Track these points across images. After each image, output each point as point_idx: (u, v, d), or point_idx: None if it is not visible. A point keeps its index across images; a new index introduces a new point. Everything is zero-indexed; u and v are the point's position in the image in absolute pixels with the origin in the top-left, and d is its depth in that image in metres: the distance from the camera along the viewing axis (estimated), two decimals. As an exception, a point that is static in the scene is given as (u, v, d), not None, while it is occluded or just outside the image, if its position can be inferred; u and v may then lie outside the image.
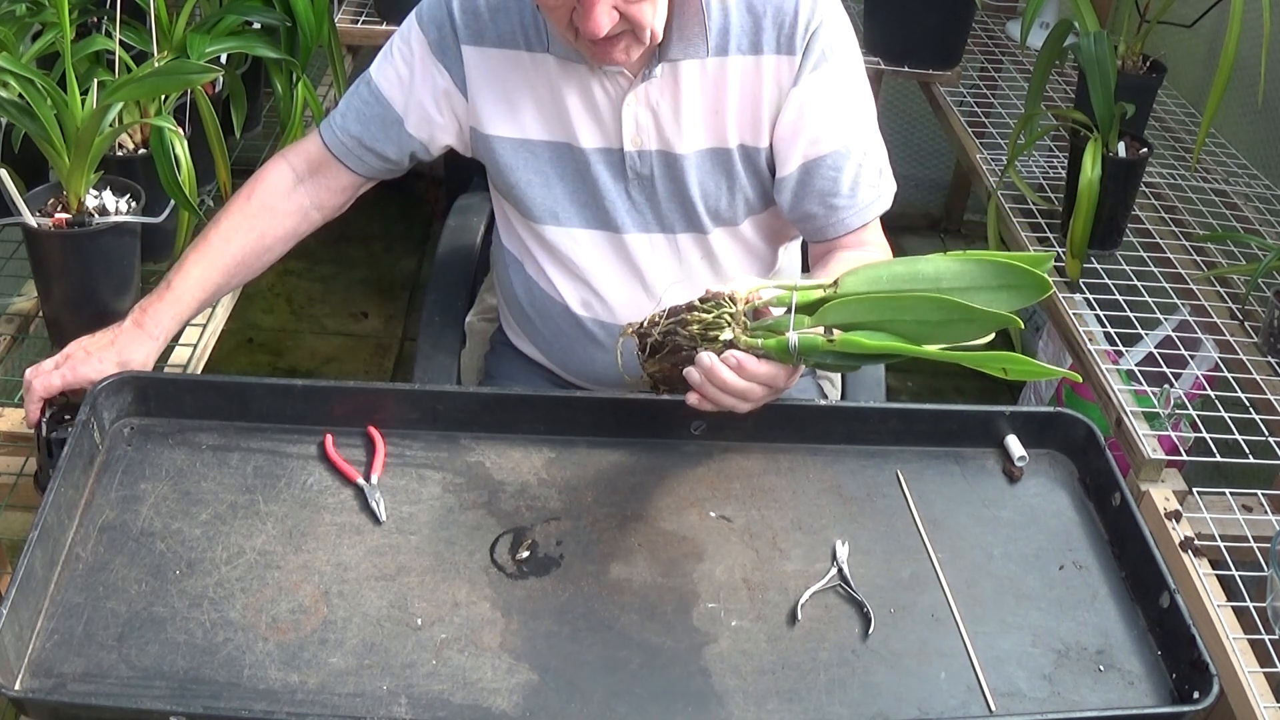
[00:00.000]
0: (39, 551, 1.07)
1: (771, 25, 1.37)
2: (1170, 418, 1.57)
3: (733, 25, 1.37)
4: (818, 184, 1.41)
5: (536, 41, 1.40)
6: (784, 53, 1.38)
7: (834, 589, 1.16)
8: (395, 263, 3.25)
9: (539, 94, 1.42)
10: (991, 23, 2.79)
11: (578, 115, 1.41)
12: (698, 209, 1.45)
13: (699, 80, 1.39)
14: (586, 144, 1.42)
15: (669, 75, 1.39)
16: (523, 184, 1.46)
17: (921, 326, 1.13)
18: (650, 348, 1.20)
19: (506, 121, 1.44)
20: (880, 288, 1.16)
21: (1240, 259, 1.92)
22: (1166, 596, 1.12)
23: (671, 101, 1.40)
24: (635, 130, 1.41)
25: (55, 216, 1.44)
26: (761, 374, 1.16)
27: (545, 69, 1.41)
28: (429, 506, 1.21)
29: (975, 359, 1.13)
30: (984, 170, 2.16)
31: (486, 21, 1.41)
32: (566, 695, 1.04)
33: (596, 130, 1.42)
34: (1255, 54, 1.83)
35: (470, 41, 1.42)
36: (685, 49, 1.38)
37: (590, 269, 1.48)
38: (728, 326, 1.17)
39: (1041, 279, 1.11)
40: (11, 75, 1.42)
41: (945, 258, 1.16)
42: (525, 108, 1.43)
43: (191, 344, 1.56)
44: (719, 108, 1.40)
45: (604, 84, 1.40)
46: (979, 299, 1.11)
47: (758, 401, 1.19)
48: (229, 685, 1.02)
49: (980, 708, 1.06)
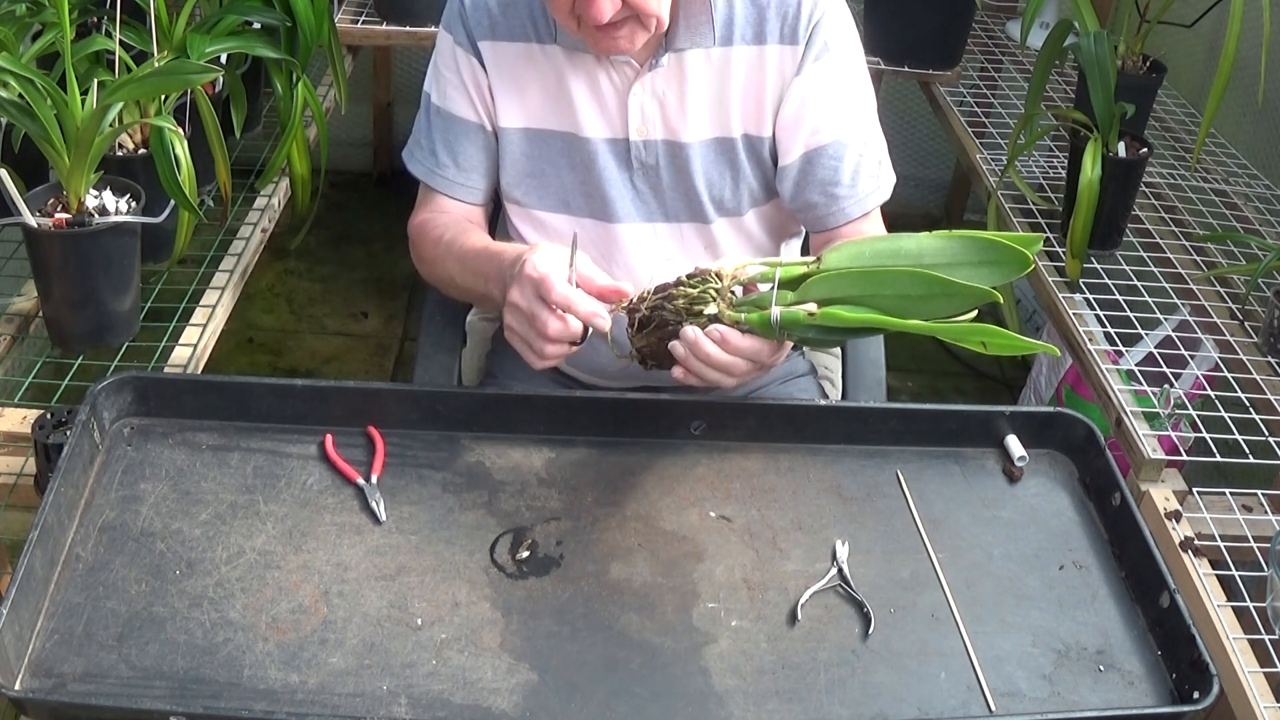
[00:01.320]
0: (39, 551, 1.07)
1: (776, 16, 1.39)
2: (1170, 418, 1.56)
3: (737, 16, 1.39)
4: (819, 173, 1.43)
5: (545, 33, 1.42)
6: (787, 43, 1.40)
7: (834, 589, 1.16)
8: (395, 263, 3.25)
9: (547, 85, 1.43)
10: (991, 23, 2.79)
11: (584, 105, 1.43)
12: (702, 199, 1.46)
13: (704, 70, 1.41)
14: (593, 134, 1.44)
15: (675, 65, 1.40)
16: (534, 174, 1.47)
17: (902, 301, 1.13)
18: (639, 323, 1.21)
19: (519, 112, 1.45)
20: (862, 263, 1.17)
21: (1240, 259, 1.92)
22: (1166, 596, 1.12)
23: (677, 91, 1.41)
24: (641, 120, 1.42)
25: (55, 216, 1.44)
26: (745, 348, 1.17)
27: (553, 60, 1.42)
28: (429, 506, 1.21)
29: (954, 332, 1.13)
30: (984, 170, 2.16)
31: (497, 16, 1.43)
32: (566, 695, 1.04)
33: (602, 120, 1.43)
34: (1255, 54, 1.83)
35: (484, 37, 1.43)
36: (692, 38, 1.39)
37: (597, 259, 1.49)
38: (712, 301, 1.18)
39: (1023, 255, 1.12)
40: (11, 75, 1.42)
41: (929, 235, 1.18)
42: (535, 98, 1.44)
43: (191, 344, 1.56)
44: (723, 98, 1.42)
45: (610, 74, 1.41)
46: (960, 274, 1.12)
47: (743, 376, 1.20)
48: (229, 685, 1.02)
49: (980, 708, 1.06)
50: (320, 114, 1.95)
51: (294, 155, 1.89)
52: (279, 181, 1.94)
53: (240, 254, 1.76)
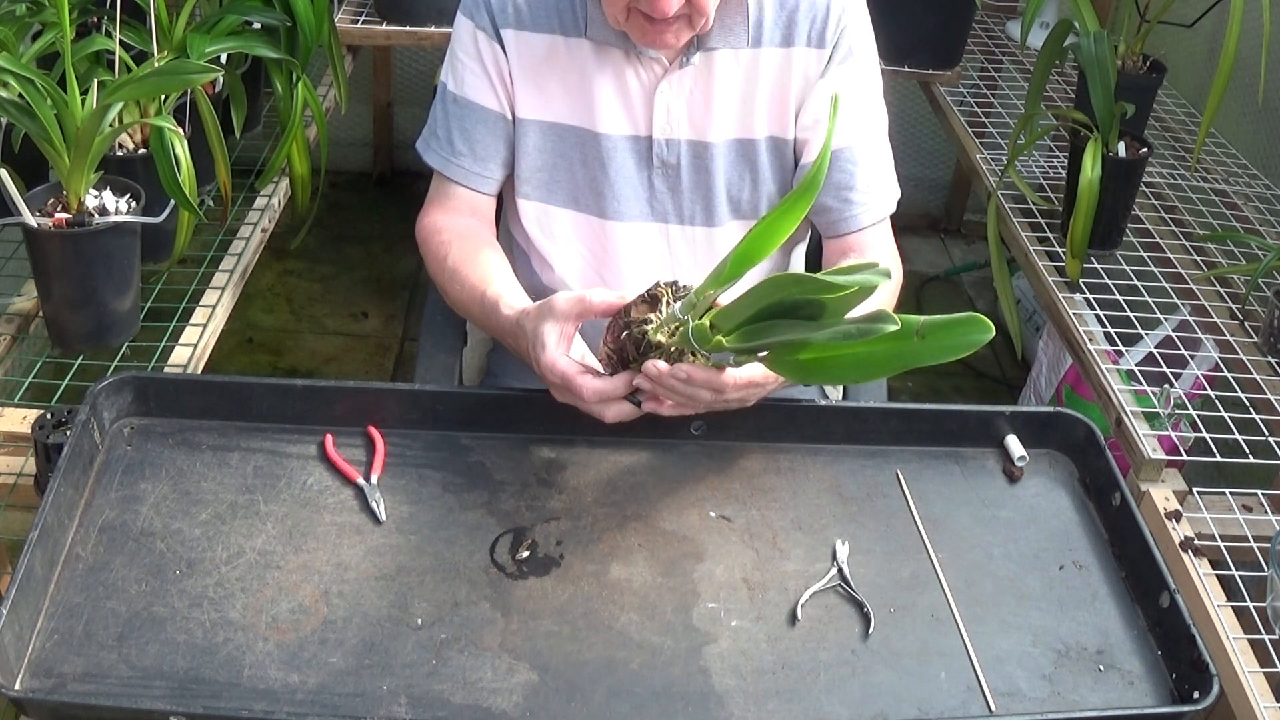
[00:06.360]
0: (39, 551, 1.07)
1: (805, 19, 1.41)
2: (1170, 418, 1.57)
3: (766, 18, 1.41)
4: (835, 176, 1.44)
5: (572, 26, 1.42)
6: (814, 46, 1.42)
7: (834, 589, 1.16)
8: (395, 263, 3.25)
9: (569, 79, 1.43)
10: (991, 23, 2.79)
11: (607, 101, 1.43)
12: (720, 200, 1.47)
13: (733, 70, 1.42)
14: (613, 131, 1.44)
15: (704, 64, 1.41)
16: (547, 168, 1.47)
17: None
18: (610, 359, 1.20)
19: (537, 105, 1.45)
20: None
21: (1240, 259, 1.92)
22: (1166, 596, 1.12)
23: (704, 91, 1.42)
24: (666, 118, 1.43)
25: (55, 216, 1.44)
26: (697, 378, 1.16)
27: (579, 54, 1.42)
28: (429, 506, 1.21)
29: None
30: (984, 170, 2.16)
31: (522, 6, 1.42)
32: (566, 695, 1.04)
33: (625, 117, 1.43)
34: (1255, 54, 1.83)
35: (507, 25, 1.43)
36: (725, 38, 1.40)
37: (603, 256, 1.49)
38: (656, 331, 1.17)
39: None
40: (11, 75, 1.42)
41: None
42: (555, 93, 1.44)
43: (191, 344, 1.56)
44: (750, 99, 1.43)
45: (638, 71, 1.41)
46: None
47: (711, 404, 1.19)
48: (229, 685, 1.02)
49: (980, 708, 1.06)
50: (320, 114, 1.95)
51: (294, 155, 1.89)
52: (279, 181, 1.94)
53: (240, 254, 1.76)
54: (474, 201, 1.49)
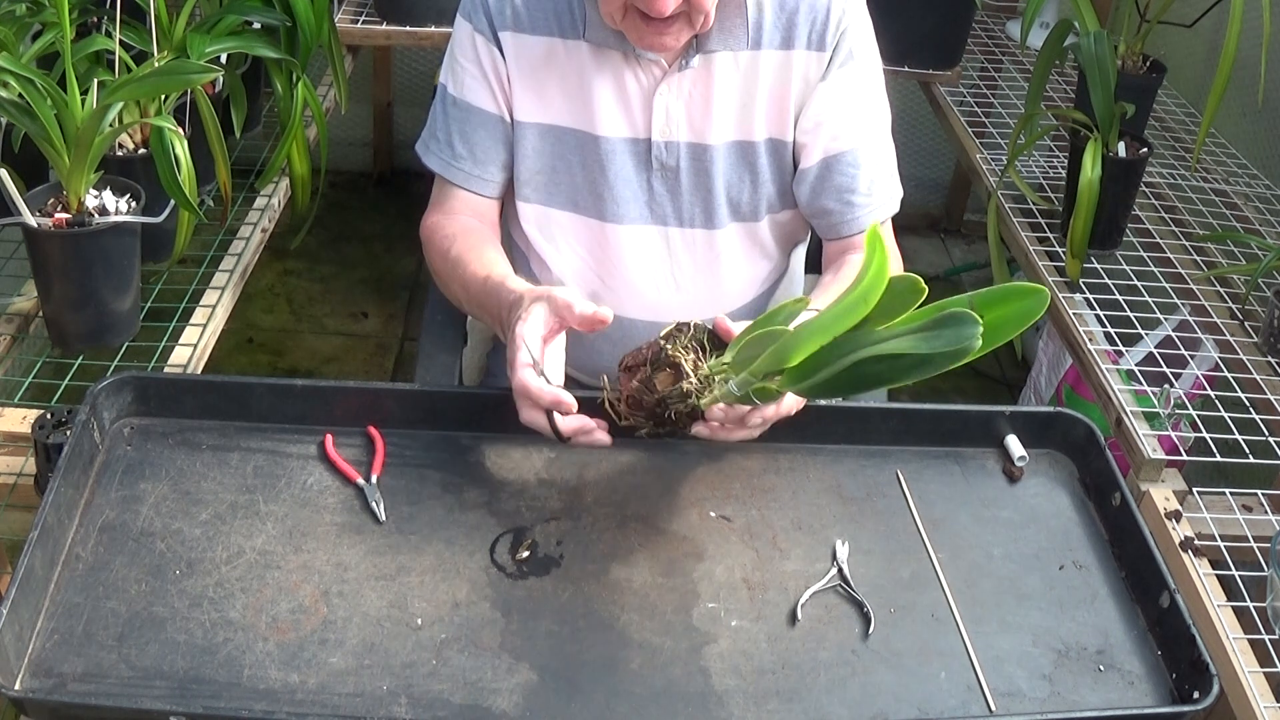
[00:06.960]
0: (39, 551, 1.07)
1: (805, 21, 1.40)
2: (1170, 418, 1.57)
3: (766, 20, 1.40)
4: (836, 179, 1.44)
5: (571, 28, 1.41)
6: (815, 49, 1.41)
7: (834, 589, 1.16)
8: (395, 263, 3.25)
9: (568, 82, 1.43)
10: (991, 23, 2.79)
11: (606, 104, 1.42)
12: (719, 202, 1.46)
13: (732, 73, 1.41)
14: (611, 133, 1.43)
15: (703, 67, 1.41)
16: (546, 171, 1.47)
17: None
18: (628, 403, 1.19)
19: (536, 108, 1.45)
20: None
21: (1240, 259, 1.92)
22: (1166, 596, 1.12)
23: (704, 93, 1.42)
24: (665, 121, 1.42)
25: (55, 216, 1.44)
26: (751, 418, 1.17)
27: (578, 56, 1.42)
28: (429, 506, 1.21)
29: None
30: (984, 170, 2.16)
31: (520, 9, 1.42)
32: (566, 695, 1.04)
33: (625, 120, 1.43)
34: (1255, 54, 1.83)
35: (505, 27, 1.43)
36: (724, 41, 1.40)
37: (602, 259, 1.49)
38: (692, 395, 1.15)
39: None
40: (11, 75, 1.42)
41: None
42: (553, 95, 1.44)
43: (191, 344, 1.56)
44: (749, 101, 1.42)
45: (638, 73, 1.41)
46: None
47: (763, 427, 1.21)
48: (229, 685, 1.02)
49: (980, 708, 1.06)
50: (320, 114, 1.95)
51: (294, 155, 1.89)
52: (279, 181, 1.94)
53: (240, 254, 1.76)
54: (475, 204, 1.49)
